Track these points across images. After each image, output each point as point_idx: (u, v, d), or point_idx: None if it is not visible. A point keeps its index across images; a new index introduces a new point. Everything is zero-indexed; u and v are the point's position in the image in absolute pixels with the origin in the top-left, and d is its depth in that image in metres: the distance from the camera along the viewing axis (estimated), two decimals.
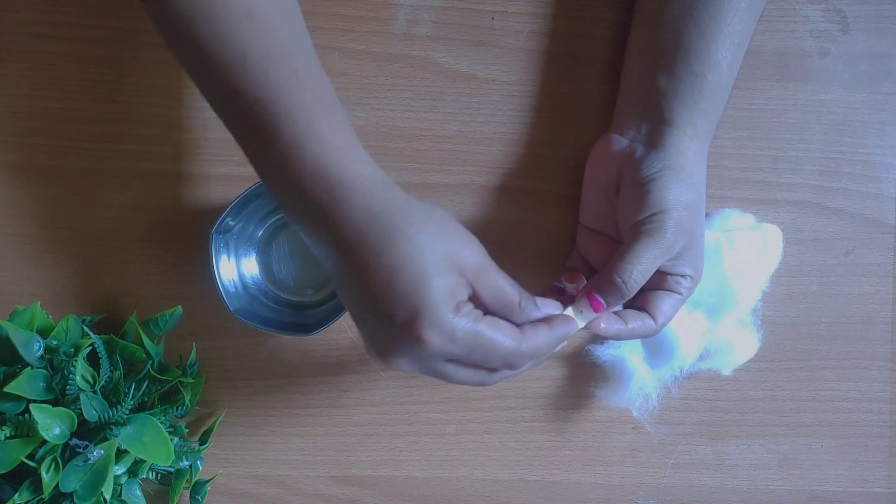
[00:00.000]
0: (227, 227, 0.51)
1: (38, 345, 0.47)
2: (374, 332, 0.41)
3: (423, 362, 0.40)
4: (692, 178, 0.48)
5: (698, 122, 0.48)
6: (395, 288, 0.38)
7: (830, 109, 0.57)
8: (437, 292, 0.38)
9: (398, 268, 0.38)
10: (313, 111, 0.39)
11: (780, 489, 0.58)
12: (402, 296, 0.38)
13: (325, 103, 0.40)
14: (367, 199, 0.39)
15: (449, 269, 0.39)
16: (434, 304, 0.38)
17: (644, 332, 0.48)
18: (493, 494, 0.57)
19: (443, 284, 0.38)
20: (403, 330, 0.38)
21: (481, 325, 0.40)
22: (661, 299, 0.49)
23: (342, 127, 0.41)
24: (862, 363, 0.58)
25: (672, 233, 0.46)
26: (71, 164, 0.54)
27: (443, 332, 0.38)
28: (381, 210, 0.39)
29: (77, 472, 0.45)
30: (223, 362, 0.55)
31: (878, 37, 0.57)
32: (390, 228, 0.39)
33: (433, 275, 0.38)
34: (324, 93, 0.41)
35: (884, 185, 0.57)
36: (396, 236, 0.39)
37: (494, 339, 0.40)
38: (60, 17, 0.54)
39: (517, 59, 0.55)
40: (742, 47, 0.49)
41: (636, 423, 0.57)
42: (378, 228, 0.39)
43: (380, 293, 0.38)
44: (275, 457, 0.56)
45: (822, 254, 0.57)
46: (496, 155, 0.56)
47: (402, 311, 0.38)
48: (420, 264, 0.38)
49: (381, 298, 0.39)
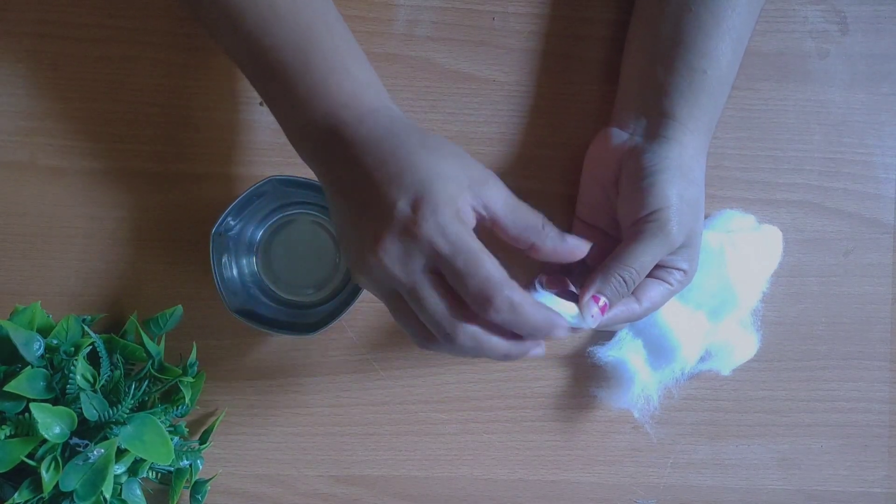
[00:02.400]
0: (228, 227, 0.51)
1: (39, 344, 0.47)
2: (368, 224, 0.41)
3: (408, 258, 0.40)
4: (693, 173, 0.48)
5: (698, 117, 0.48)
6: (405, 178, 0.40)
7: (830, 110, 0.57)
8: (442, 191, 0.39)
9: (409, 169, 0.40)
10: (341, 50, 0.44)
11: (780, 489, 0.58)
12: (409, 186, 0.40)
13: (352, 45, 0.45)
14: (389, 124, 0.42)
15: (458, 181, 0.40)
16: (437, 198, 0.39)
17: (627, 316, 0.48)
18: (493, 494, 0.57)
19: (448, 188, 0.40)
20: (402, 216, 0.39)
21: (474, 239, 0.40)
22: (651, 286, 0.48)
23: (368, 67, 0.45)
24: (861, 363, 0.58)
25: (675, 231, 0.46)
26: (72, 163, 0.54)
27: (437, 223, 0.39)
28: (402, 131, 0.42)
29: (77, 471, 0.45)
30: (223, 362, 0.55)
31: (877, 37, 0.57)
32: (408, 144, 0.41)
33: (441, 178, 0.40)
34: (348, 39, 0.45)
35: (883, 186, 0.58)
36: (413, 148, 0.41)
37: (481, 254, 0.39)
38: (62, 16, 0.54)
39: (517, 60, 0.56)
40: (742, 43, 0.49)
41: (636, 423, 0.57)
42: (397, 141, 0.41)
43: (387, 187, 0.40)
44: (275, 456, 0.56)
45: (822, 254, 0.57)
46: (496, 155, 0.56)
47: (405, 198, 0.39)
48: (432, 169, 0.40)
49: (386, 192, 0.40)
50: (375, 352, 0.56)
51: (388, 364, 0.56)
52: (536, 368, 0.56)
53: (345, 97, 0.43)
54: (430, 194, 0.39)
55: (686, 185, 0.47)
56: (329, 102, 0.43)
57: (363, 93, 0.43)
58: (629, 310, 0.48)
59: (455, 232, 0.39)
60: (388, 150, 0.41)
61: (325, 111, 0.43)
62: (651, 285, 0.48)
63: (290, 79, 0.43)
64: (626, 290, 0.46)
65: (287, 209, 0.54)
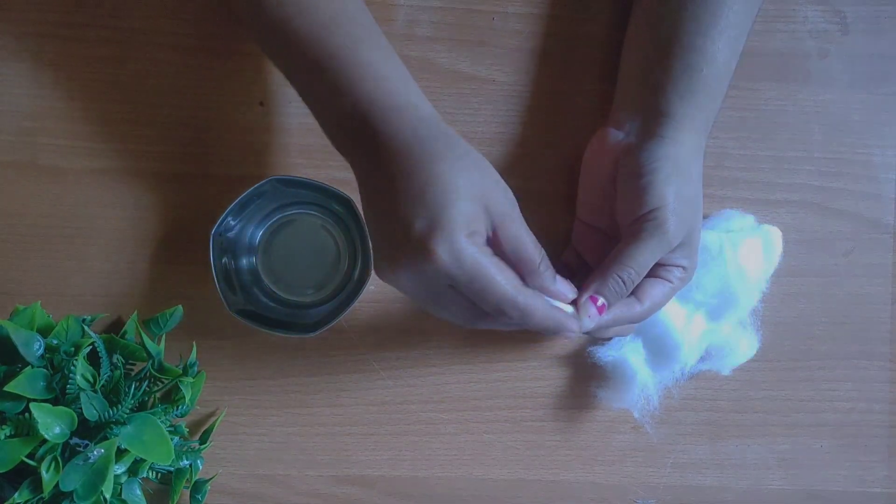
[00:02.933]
0: (228, 227, 0.51)
1: (39, 344, 0.47)
2: (389, 241, 0.42)
3: (426, 279, 0.41)
4: (689, 170, 0.48)
5: (695, 115, 0.48)
6: (422, 200, 0.40)
7: (830, 110, 0.57)
8: (458, 213, 0.40)
9: (429, 183, 0.40)
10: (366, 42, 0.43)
11: (780, 489, 0.58)
12: (425, 208, 0.40)
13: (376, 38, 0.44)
14: (415, 125, 0.42)
15: (475, 199, 0.41)
16: (452, 223, 0.40)
17: (629, 317, 0.48)
18: (493, 494, 0.57)
19: (465, 209, 0.40)
20: (417, 240, 0.40)
21: (487, 259, 0.41)
22: (652, 286, 0.48)
23: (395, 60, 0.44)
24: (862, 363, 0.58)
25: (673, 230, 0.46)
26: (73, 163, 0.54)
27: (452, 250, 0.40)
28: (428, 136, 0.42)
29: (77, 471, 0.45)
30: (223, 362, 0.55)
31: (877, 37, 0.57)
32: (432, 152, 0.41)
33: (459, 198, 0.40)
34: (374, 30, 0.45)
35: (883, 186, 0.57)
36: (436, 157, 0.41)
37: (496, 277, 0.41)
38: (64, 16, 0.54)
39: (517, 60, 0.56)
40: (740, 41, 0.49)
41: (636, 423, 0.57)
42: (420, 149, 0.41)
43: (405, 202, 0.40)
44: (275, 457, 0.56)
45: (822, 254, 0.57)
46: (496, 155, 0.56)
47: (421, 222, 0.40)
48: (450, 185, 0.40)
49: (404, 208, 0.40)
50: (375, 352, 0.56)
51: (388, 364, 0.56)
52: (536, 368, 0.56)
53: (367, 93, 0.42)
54: (446, 219, 0.40)
55: (683, 182, 0.47)
56: (352, 100, 0.42)
57: (387, 89, 0.43)
58: (631, 310, 0.47)
59: (469, 258, 0.40)
60: (412, 160, 0.41)
61: (349, 110, 0.43)
62: (652, 284, 0.48)
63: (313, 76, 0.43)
64: (625, 290, 0.46)
65: (287, 209, 0.54)
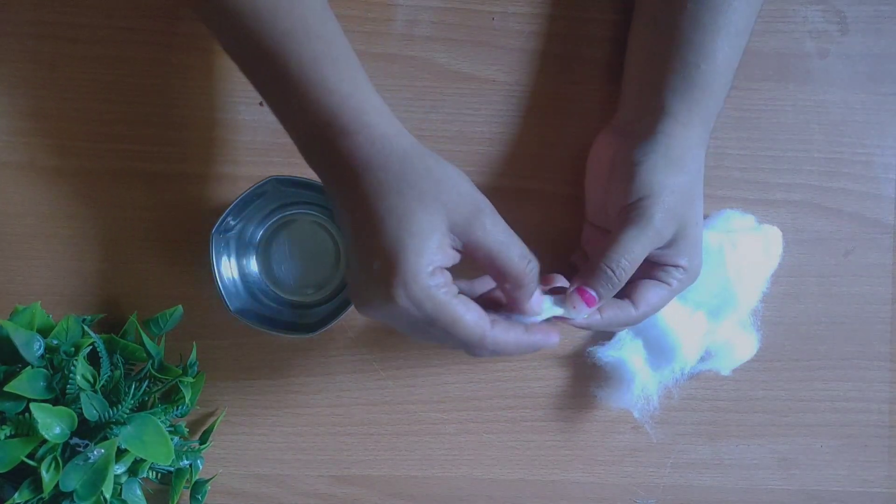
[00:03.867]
0: (228, 226, 0.51)
1: (39, 344, 0.47)
2: (354, 277, 0.42)
3: (394, 317, 0.41)
4: (683, 162, 0.47)
5: (691, 110, 0.48)
6: (378, 237, 0.39)
7: (830, 110, 0.57)
8: (414, 253, 0.39)
9: (384, 220, 0.39)
10: (321, 60, 0.40)
11: (779, 489, 0.58)
12: (382, 249, 0.39)
13: (335, 53, 0.41)
14: (369, 152, 0.40)
15: (433, 227, 0.39)
16: (408, 265, 0.39)
17: (622, 320, 0.47)
18: (493, 494, 0.57)
19: (422, 246, 0.39)
20: (378, 283, 0.39)
21: (449, 300, 0.40)
22: (648, 288, 0.47)
23: (353, 76, 0.41)
24: (861, 363, 0.58)
25: (660, 218, 0.45)
26: (72, 163, 0.54)
27: (411, 295, 0.39)
28: (382, 164, 0.40)
29: (77, 471, 0.45)
30: (223, 362, 0.55)
31: (877, 37, 0.57)
32: (385, 182, 0.40)
33: (415, 234, 0.39)
34: (334, 43, 0.42)
35: (883, 185, 0.58)
36: (389, 190, 0.39)
37: (460, 321, 0.40)
38: (62, 17, 0.54)
39: (517, 60, 0.55)
40: (741, 38, 0.49)
41: (636, 423, 0.57)
42: (374, 178, 0.40)
43: (365, 243, 0.40)
44: (275, 457, 0.56)
45: (822, 254, 0.57)
46: (496, 155, 0.56)
47: (379, 264, 0.39)
48: (404, 219, 0.39)
49: (364, 248, 0.40)
50: (375, 352, 0.56)
51: (388, 364, 0.56)
52: (536, 368, 0.56)
53: (324, 115, 0.41)
54: (402, 260, 0.39)
55: (674, 173, 0.46)
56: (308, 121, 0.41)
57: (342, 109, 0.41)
58: (625, 313, 0.47)
59: (428, 302, 0.39)
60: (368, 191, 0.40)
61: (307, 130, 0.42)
62: (647, 287, 0.47)
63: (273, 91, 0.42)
64: (616, 281, 0.45)
65: (287, 209, 0.54)
